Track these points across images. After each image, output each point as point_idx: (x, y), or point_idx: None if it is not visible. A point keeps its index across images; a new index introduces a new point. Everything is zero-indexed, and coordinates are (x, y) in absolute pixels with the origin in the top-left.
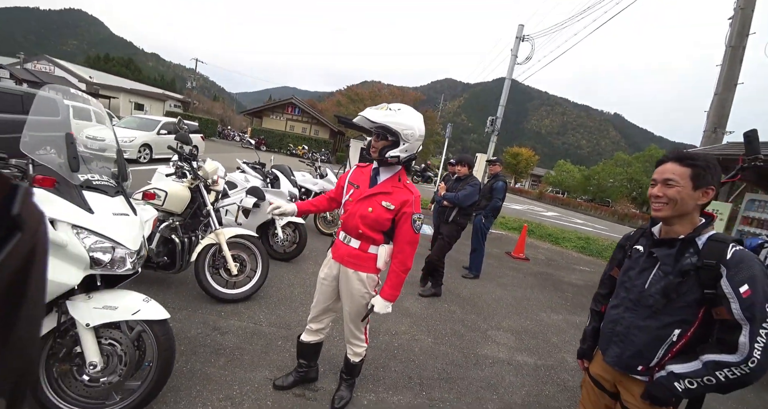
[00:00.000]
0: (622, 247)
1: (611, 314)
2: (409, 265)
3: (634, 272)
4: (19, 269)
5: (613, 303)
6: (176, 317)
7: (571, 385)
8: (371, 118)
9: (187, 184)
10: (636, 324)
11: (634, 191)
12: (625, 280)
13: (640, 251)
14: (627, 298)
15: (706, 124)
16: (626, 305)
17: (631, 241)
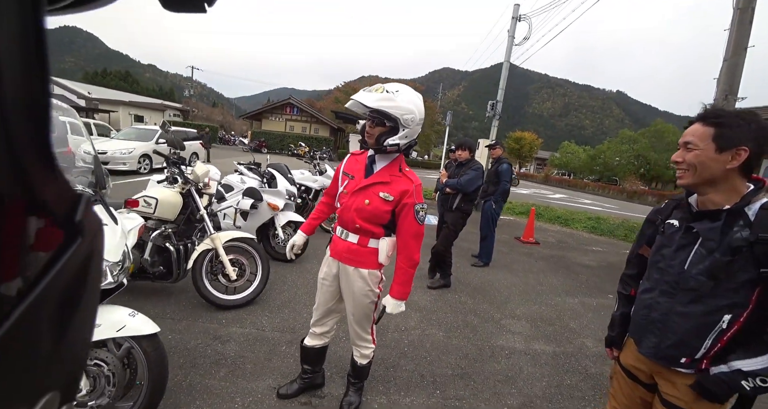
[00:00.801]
0: (652, 222)
1: (644, 298)
2: (417, 258)
3: (670, 251)
4: (78, 272)
5: (646, 286)
6: (176, 328)
7: (593, 372)
8: (365, 102)
9: (178, 189)
10: (676, 310)
11: (642, 168)
12: (659, 259)
13: (674, 225)
14: (662, 280)
15: (717, 92)
16: (662, 289)
17: (662, 214)
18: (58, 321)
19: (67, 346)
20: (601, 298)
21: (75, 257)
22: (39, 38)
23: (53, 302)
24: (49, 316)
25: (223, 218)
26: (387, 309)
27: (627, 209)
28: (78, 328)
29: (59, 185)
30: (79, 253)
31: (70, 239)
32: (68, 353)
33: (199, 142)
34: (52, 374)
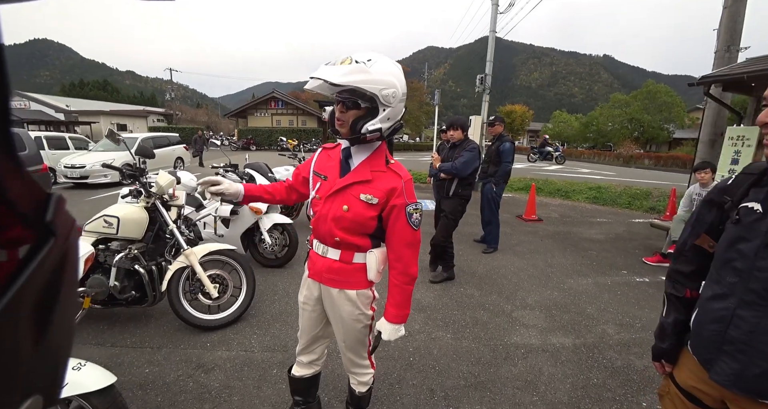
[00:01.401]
0: (716, 204)
1: (715, 308)
2: (415, 272)
3: (752, 246)
4: (53, 273)
5: (716, 291)
6: (155, 358)
7: (619, 365)
8: (330, 78)
9: (143, 204)
10: (767, 328)
11: (636, 131)
12: (734, 257)
13: (756, 211)
14: (744, 286)
15: (717, 44)
16: (745, 298)
17: (731, 194)
18: (37, 323)
19: (48, 348)
20: (615, 275)
21: (49, 258)
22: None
23: (29, 304)
24: (26, 318)
25: (204, 227)
26: (383, 336)
27: (625, 174)
28: (58, 329)
29: (25, 183)
30: (53, 253)
31: (42, 239)
32: (49, 355)
33: (182, 147)
34: (34, 378)
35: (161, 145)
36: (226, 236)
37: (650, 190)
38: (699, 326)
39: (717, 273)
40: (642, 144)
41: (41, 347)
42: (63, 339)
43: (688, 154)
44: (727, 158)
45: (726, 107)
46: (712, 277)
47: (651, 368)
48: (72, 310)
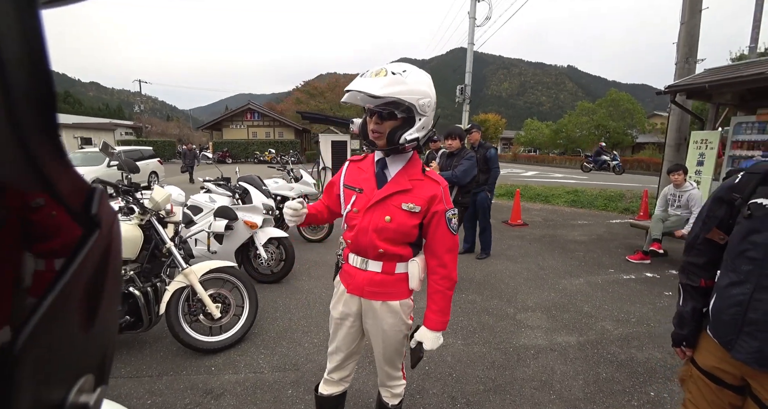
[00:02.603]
0: (726, 202)
1: (733, 294)
2: (455, 277)
3: (764, 237)
4: (100, 261)
5: (733, 279)
6: (156, 388)
7: (623, 358)
8: (372, 91)
9: (136, 221)
10: None
11: (602, 137)
12: (748, 247)
13: (766, 207)
14: (761, 273)
15: (677, 56)
16: (763, 283)
17: (740, 192)
18: (88, 307)
19: (97, 331)
20: (604, 274)
21: (95, 249)
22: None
23: (79, 292)
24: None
25: (195, 244)
26: (426, 346)
27: (596, 178)
28: (105, 314)
29: (72, 178)
30: (98, 245)
31: (89, 231)
32: (99, 338)
33: (157, 161)
34: (86, 358)
35: (134, 158)
36: (220, 253)
37: (623, 192)
38: (718, 312)
39: (732, 262)
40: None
41: (91, 330)
42: (110, 323)
43: (651, 158)
44: (693, 160)
45: (690, 113)
46: (728, 266)
47: (652, 360)
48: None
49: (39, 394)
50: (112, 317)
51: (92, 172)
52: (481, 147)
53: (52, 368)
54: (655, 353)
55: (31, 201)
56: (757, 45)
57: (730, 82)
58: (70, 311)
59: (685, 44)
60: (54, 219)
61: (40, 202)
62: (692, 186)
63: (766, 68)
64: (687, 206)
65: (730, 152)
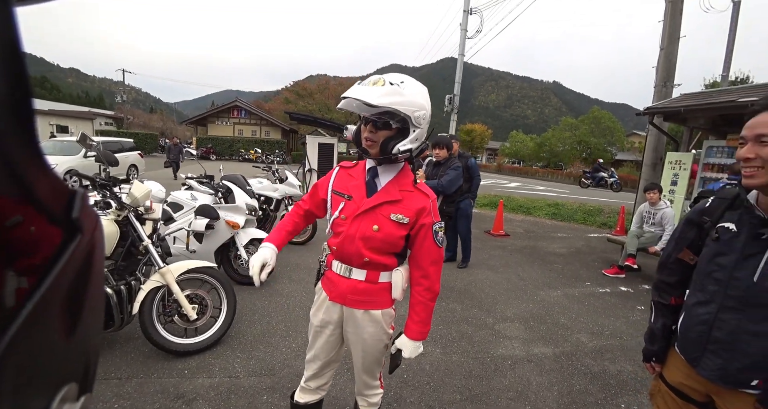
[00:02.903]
0: (696, 224)
1: (699, 313)
2: (438, 288)
3: (730, 259)
4: (82, 267)
5: (699, 298)
6: (124, 391)
7: (596, 370)
8: (369, 100)
9: (113, 216)
10: (747, 329)
11: (584, 152)
12: (714, 269)
13: (731, 230)
14: (725, 294)
15: (656, 79)
16: (726, 304)
17: (710, 215)
18: (69, 314)
19: (81, 337)
20: (581, 287)
21: (77, 254)
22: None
23: (61, 298)
24: (59, 311)
25: (174, 242)
26: (405, 354)
27: (577, 192)
28: (88, 320)
29: (52, 183)
30: (80, 249)
31: (70, 236)
32: (82, 345)
33: (137, 153)
34: (69, 366)
35: (113, 150)
36: (199, 252)
37: (602, 207)
38: (686, 329)
39: (700, 282)
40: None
41: (73, 338)
42: (93, 329)
43: (630, 175)
44: (668, 180)
45: (666, 135)
46: (696, 286)
47: (624, 372)
48: (100, 302)
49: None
50: (96, 323)
51: (67, 162)
52: (462, 157)
53: (33, 377)
54: (627, 366)
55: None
56: (729, 74)
57: (703, 108)
58: (51, 318)
59: (664, 69)
60: (33, 234)
61: (18, 220)
62: (666, 205)
63: (737, 96)
64: (661, 224)
65: (701, 174)
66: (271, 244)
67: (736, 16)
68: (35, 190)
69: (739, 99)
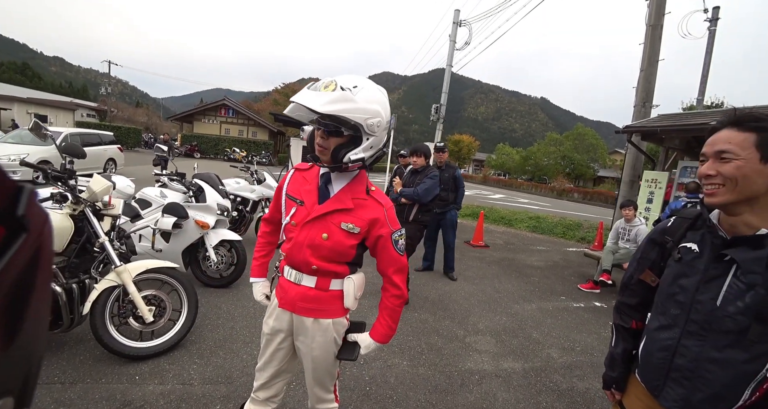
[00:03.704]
0: (658, 244)
1: (661, 338)
2: (406, 294)
3: (691, 281)
4: (26, 268)
5: (661, 323)
6: (66, 396)
7: (564, 388)
8: (313, 106)
9: (68, 210)
10: (709, 356)
11: (567, 168)
12: (676, 291)
13: (693, 251)
14: (687, 318)
15: (636, 99)
16: (688, 329)
17: (672, 236)
18: (8, 322)
19: (20, 347)
20: (555, 301)
21: (21, 254)
22: None
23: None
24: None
25: (139, 240)
26: (363, 350)
27: (559, 206)
28: (30, 327)
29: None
30: (25, 249)
31: (13, 234)
32: (22, 355)
33: (117, 147)
34: (5, 379)
35: (91, 143)
36: (165, 251)
37: (581, 221)
38: (647, 355)
39: (662, 305)
40: (572, 179)
41: (13, 347)
42: (35, 338)
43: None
44: (644, 198)
45: (643, 153)
46: (658, 309)
47: (592, 390)
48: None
49: None
50: (39, 332)
51: (41, 152)
52: (449, 167)
53: None
54: (595, 383)
55: None
56: (704, 98)
57: (678, 129)
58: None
59: (643, 90)
60: None
61: None
62: (641, 222)
63: (710, 119)
64: (635, 241)
65: (675, 193)
66: (257, 278)
67: (711, 43)
68: None
69: (712, 122)
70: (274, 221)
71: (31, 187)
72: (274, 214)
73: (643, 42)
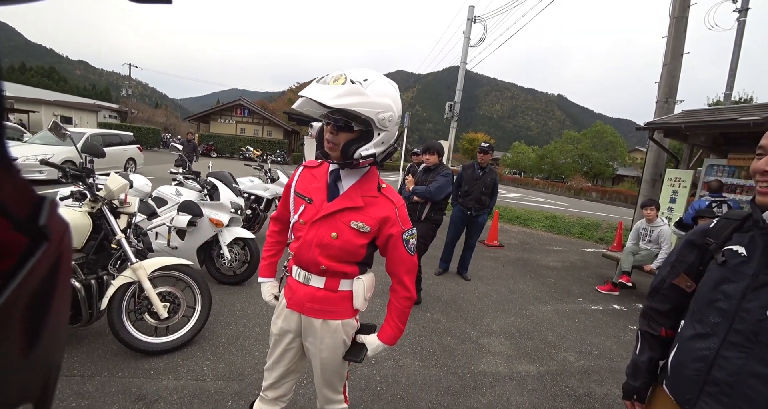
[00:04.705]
0: (698, 246)
1: (696, 347)
2: (415, 295)
3: (737, 288)
4: (47, 277)
5: (698, 331)
6: (85, 389)
7: (581, 393)
8: (323, 100)
9: (86, 208)
10: (753, 371)
11: (585, 166)
12: (718, 298)
13: (741, 255)
14: (729, 327)
15: (658, 95)
16: (730, 339)
17: (715, 237)
18: (29, 328)
19: (40, 354)
20: (572, 303)
21: (42, 263)
22: None
23: (21, 309)
24: (18, 323)
25: (155, 237)
26: (370, 352)
27: (576, 205)
28: (50, 335)
29: (18, 187)
30: (46, 258)
31: (35, 244)
32: (41, 362)
33: (136, 147)
34: (25, 385)
35: (112, 143)
36: (181, 249)
37: (599, 221)
38: (679, 365)
39: (700, 312)
40: (590, 178)
41: (33, 354)
42: (55, 346)
43: (630, 190)
44: (667, 197)
45: (666, 151)
46: (694, 316)
47: (610, 396)
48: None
49: None
50: (59, 338)
51: (65, 152)
52: (491, 171)
53: None
54: (614, 389)
55: None
56: (732, 93)
57: (704, 125)
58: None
59: (666, 85)
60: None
61: None
62: (663, 222)
63: (739, 114)
64: (657, 242)
65: (700, 192)
66: (266, 278)
67: (740, 34)
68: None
69: (740, 118)
70: (283, 219)
71: (52, 198)
72: (283, 212)
73: (666, 35)
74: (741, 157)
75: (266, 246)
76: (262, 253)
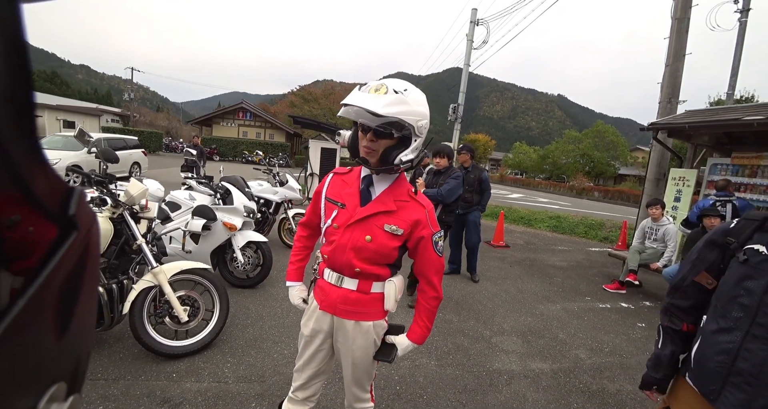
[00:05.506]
0: (719, 245)
1: (719, 341)
2: (441, 294)
3: (758, 284)
4: (76, 265)
5: (721, 325)
6: (110, 392)
7: (595, 389)
8: (374, 109)
9: (107, 214)
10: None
11: (587, 166)
12: (741, 294)
13: (762, 253)
14: (752, 321)
15: (661, 95)
16: (753, 332)
17: (736, 236)
18: (61, 313)
19: (72, 337)
20: (580, 302)
21: (72, 251)
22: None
23: (54, 295)
24: (51, 309)
25: (170, 241)
26: (400, 352)
27: (579, 205)
28: (80, 319)
29: (50, 179)
30: (75, 246)
31: (66, 233)
32: (73, 344)
33: (141, 151)
34: (59, 365)
35: (117, 147)
36: (195, 253)
37: (603, 221)
38: (703, 358)
39: (722, 308)
40: (592, 178)
41: (65, 337)
42: (85, 329)
43: (632, 189)
44: (671, 197)
45: (670, 151)
46: (716, 311)
47: (623, 392)
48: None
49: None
50: (88, 322)
51: (71, 157)
52: (475, 168)
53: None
54: (626, 385)
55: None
56: (734, 92)
57: (707, 125)
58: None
59: (669, 85)
60: (32, 235)
61: (16, 219)
62: (669, 221)
63: (741, 114)
64: (663, 240)
65: (705, 191)
66: (294, 282)
67: (742, 34)
68: (33, 187)
69: (744, 117)
70: (312, 225)
71: (81, 188)
72: (312, 218)
73: (668, 36)
74: (744, 155)
75: (294, 250)
76: (290, 258)
